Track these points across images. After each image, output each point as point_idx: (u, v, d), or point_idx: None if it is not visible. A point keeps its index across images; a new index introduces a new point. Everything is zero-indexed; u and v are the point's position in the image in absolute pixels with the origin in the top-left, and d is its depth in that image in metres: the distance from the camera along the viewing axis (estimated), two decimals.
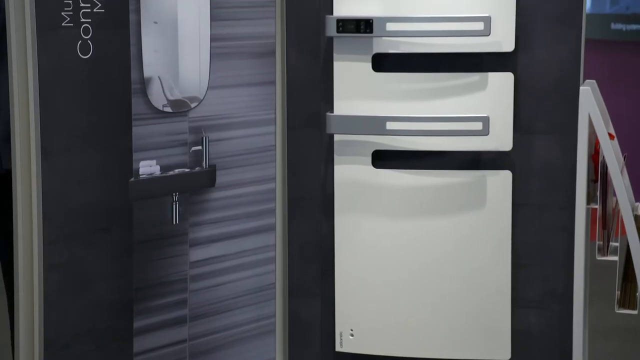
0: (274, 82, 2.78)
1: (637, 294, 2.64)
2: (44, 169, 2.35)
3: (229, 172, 2.72)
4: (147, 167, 2.55)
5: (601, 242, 2.64)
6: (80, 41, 2.38)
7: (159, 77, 2.56)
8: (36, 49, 2.30)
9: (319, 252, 2.81)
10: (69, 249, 2.41)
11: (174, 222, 2.63)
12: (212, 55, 2.66)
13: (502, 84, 2.62)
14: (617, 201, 2.58)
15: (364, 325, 2.77)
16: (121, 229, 2.52)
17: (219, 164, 2.70)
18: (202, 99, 2.65)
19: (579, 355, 2.63)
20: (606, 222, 2.63)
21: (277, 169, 2.81)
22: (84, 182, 2.42)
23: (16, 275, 2.36)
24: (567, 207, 2.62)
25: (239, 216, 2.76)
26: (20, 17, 2.29)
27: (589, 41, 2.71)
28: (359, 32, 2.61)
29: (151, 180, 2.56)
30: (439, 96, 2.65)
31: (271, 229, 2.82)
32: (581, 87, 2.57)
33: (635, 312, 2.66)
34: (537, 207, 2.66)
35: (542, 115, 2.63)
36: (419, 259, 2.71)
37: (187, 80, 2.62)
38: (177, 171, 2.62)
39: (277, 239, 2.83)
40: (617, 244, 2.64)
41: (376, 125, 2.64)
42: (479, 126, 2.59)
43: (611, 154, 2.56)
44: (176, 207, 2.63)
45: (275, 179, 2.81)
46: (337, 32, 2.63)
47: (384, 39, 2.64)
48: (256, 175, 2.78)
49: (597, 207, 2.61)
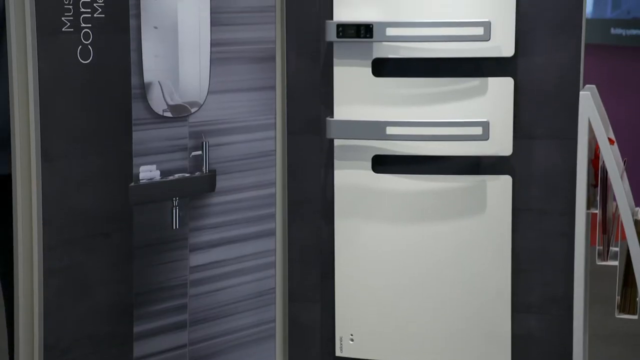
0: (274, 87, 2.78)
1: (637, 299, 2.63)
2: (44, 173, 2.35)
3: (229, 177, 2.72)
4: (147, 172, 2.55)
5: (601, 247, 2.64)
6: (80, 46, 2.39)
7: (159, 82, 2.56)
8: (36, 53, 2.31)
9: (319, 257, 2.81)
10: (68, 253, 2.41)
11: (174, 227, 2.63)
12: (212, 60, 2.66)
13: (502, 89, 2.62)
14: (617, 206, 2.58)
15: (364, 330, 2.76)
16: (121, 233, 2.52)
17: (219, 168, 2.70)
18: (202, 103, 2.65)
19: None
20: (606, 227, 2.63)
21: (277, 173, 2.81)
22: (84, 187, 2.42)
23: (16, 280, 2.36)
24: (567, 212, 2.62)
25: (239, 221, 2.76)
26: (20, 22, 2.29)
27: (589, 46, 2.71)
28: (359, 37, 2.62)
29: (151, 185, 2.56)
30: (439, 101, 2.65)
31: (271, 233, 2.82)
32: (581, 92, 2.57)
33: (635, 317, 2.66)
34: (537, 212, 2.66)
35: (542, 120, 2.63)
36: (419, 264, 2.71)
37: (187, 85, 2.62)
38: (177, 176, 2.62)
39: (277, 243, 2.83)
40: (617, 249, 2.64)
41: (376, 130, 2.64)
42: (478, 131, 2.59)
43: (611, 158, 2.56)
44: (176, 212, 2.63)
45: (275, 183, 2.81)
46: (337, 37, 2.63)
47: (384, 44, 2.64)
48: (256, 180, 2.78)
49: (597, 212, 2.61)
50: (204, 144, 2.66)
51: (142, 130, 2.53)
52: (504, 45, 2.59)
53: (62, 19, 2.35)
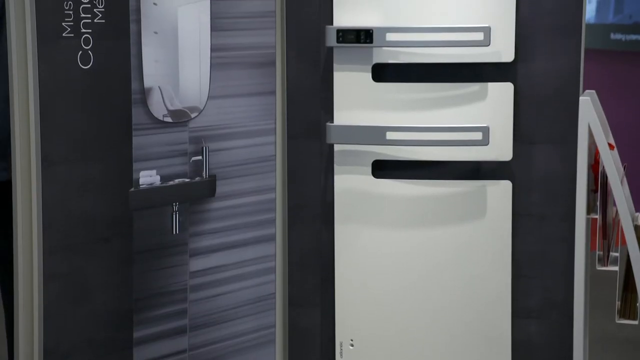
0: (274, 92, 2.79)
1: (637, 304, 2.63)
2: (44, 178, 2.35)
3: (229, 182, 2.72)
4: (147, 177, 2.55)
5: (601, 252, 2.64)
6: (80, 51, 2.39)
7: (159, 87, 2.56)
8: (37, 59, 2.31)
9: (319, 262, 2.81)
10: (68, 258, 2.41)
11: (174, 232, 2.63)
12: (213, 65, 2.66)
13: (502, 94, 2.62)
14: (617, 211, 2.58)
15: (364, 335, 2.76)
16: (121, 238, 2.52)
17: (219, 173, 2.70)
18: (202, 109, 2.65)
19: None
20: (606, 232, 2.63)
21: (277, 178, 2.81)
22: (84, 192, 2.42)
23: (16, 285, 2.36)
24: (567, 217, 2.62)
25: (239, 226, 2.76)
26: (21, 28, 2.30)
27: (589, 51, 2.71)
28: (359, 42, 2.62)
29: (151, 190, 2.56)
30: (438, 106, 2.65)
31: (271, 238, 2.82)
32: (581, 97, 2.57)
33: (635, 323, 2.65)
34: (537, 217, 2.66)
35: (542, 125, 2.63)
36: (420, 269, 2.71)
37: (188, 90, 2.62)
38: (177, 181, 2.62)
39: (277, 248, 2.83)
40: (617, 254, 2.64)
41: (376, 135, 2.64)
42: (478, 136, 2.59)
43: (611, 164, 2.56)
44: (176, 217, 2.63)
45: (275, 188, 2.81)
46: (337, 42, 2.63)
47: (384, 49, 2.64)
48: (256, 185, 2.78)
49: (597, 217, 2.61)
50: (204, 149, 2.66)
51: (142, 135, 2.53)
52: (503, 50, 2.60)
53: (63, 24, 2.35)
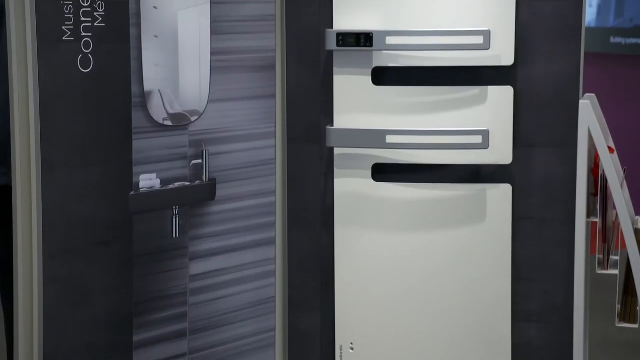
0: (274, 96, 2.79)
1: (637, 308, 2.63)
2: (44, 182, 2.35)
3: (229, 185, 2.72)
4: (147, 181, 2.55)
5: (601, 256, 2.64)
6: (80, 55, 2.39)
7: (159, 90, 2.56)
8: (37, 62, 2.31)
9: (319, 265, 2.81)
10: (68, 262, 2.41)
11: (174, 236, 2.63)
12: (213, 68, 2.66)
13: (501, 97, 2.62)
14: (617, 215, 2.58)
15: (364, 338, 2.76)
16: (121, 242, 2.52)
17: (219, 177, 2.70)
18: (202, 112, 2.65)
19: None
20: (606, 236, 2.63)
21: (277, 182, 2.81)
22: (84, 196, 2.42)
23: (16, 288, 2.36)
24: (567, 221, 2.62)
25: (239, 229, 2.76)
26: (21, 31, 2.30)
27: (589, 54, 2.71)
28: (359, 45, 2.62)
29: (151, 193, 2.56)
30: (438, 110, 2.65)
31: (271, 242, 2.82)
32: (581, 101, 2.57)
33: (635, 326, 2.65)
34: (537, 221, 2.66)
35: (542, 128, 2.64)
36: (420, 273, 2.71)
37: (188, 93, 2.62)
38: (177, 185, 2.62)
39: (277, 252, 2.83)
40: (617, 258, 2.64)
41: (376, 138, 2.64)
42: (478, 140, 2.59)
43: (611, 167, 2.56)
44: (176, 221, 2.63)
45: (275, 192, 2.81)
46: (337, 45, 2.63)
47: (383, 52, 2.64)
48: (256, 188, 2.78)
49: (597, 220, 2.61)
50: (204, 152, 2.66)
51: (142, 138, 2.53)
52: (503, 54, 2.60)
53: (63, 27, 2.35)
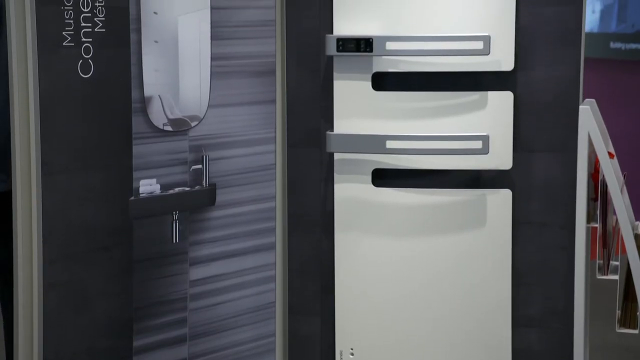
0: (274, 101, 2.79)
1: (637, 314, 2.63)
2: (45, 187, 2.35)
3: (229, 190, 2.72)
4: (148, 186, 2.55)
5: (601, 261, 2.64)
6: (81, 60, 2.39)
7: (159, 96, 2.57)
8: (37, 68, 2.31)
9: (319, 270, 2.81)
10: (68, 267, 2.41)
11: (174, 241, 2.63)
12: (213, 74, 2.67)
13: (501, 102, 2.62)
14: (617, 220, 2.58)
15: (364, 343, 2.76)
16: (121, 247, 2.52)
17: (219, 182, 2.70)
18: (202, 117, 2.66)
19: None
20: (606, 241, 2.63)
21: (277, 187, 2.81)
22: (84, 201, 2.42)
23: (16, 294, 2.36)
24: (567, 226, 2.62)
25: (238, 235, 2.76)
26: (21, 37, 2.30)
27: (588, 60, 2.72)
28: (359, 51, 2.62)
29: (151, 199, 2.56)
30: (438, 115, 2.65)
31: (271, 247, 2.82)
32: (581, 106, 2.57)
33: (636, 332, 2.65)
34: (537, 226, 2.66)
35: (542, 134, 2.64)
36: (420, 278, 2.71)
37: (188, 99, 2.63)
38: (177, 190, 2.62)
39: (277, 257, 2.83)
40: (617, 263, 2.64)
41: (376, 143, 2.64)
42: (478, 145, 2.59)
43: (611, 172, 2.56)
44: (176, 226, 2.63)
45: (275, 197, 2.81)
46: (337, 51, 2.64)
47: (383, 57, 2.65)
48: (256, 193, 2.78)
49: (597, 225, 2.61)
50: (204, 157, 2.66)
51: (143, 144, 2.54)
52: (503, 59, 2.60)
53: (63, 33, 2.35)
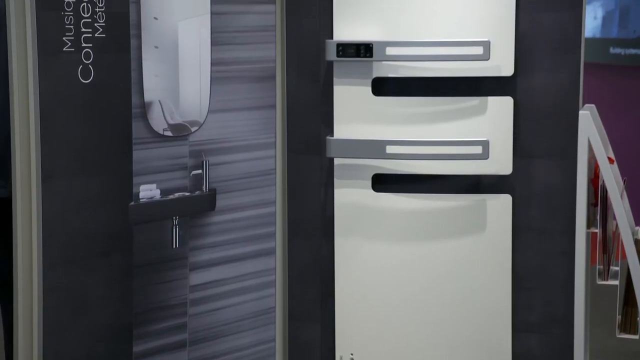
0: (274, 106, 2.79)
1: (638, 319, 2.63)
2: (45, 192, 2.35)
3: (229, 195, 2.72)
4: (148, 191, 2.55)
5: (602, 266, 2.64)
6: (81, 66, 2.39)
7: (159, 101, 2.57)
8: (37, 73, 2.31)
9: (319, 275, 2.81)
10: (68, 272, 2.41)
11: (174, 246, 2.63)
12: (213, 79, 2.67)
13: (501, 108, 2.62)
14: (617, 225, 2.58)
15: (364, 348, 2.76)
16: (121, 252, 2.52)
17: (219, 187, 2.70)
18: (202, 123, 2.66)
19: None
20: (606, 246, 2.63)
21: (277, 192, 2.81)
22: (84, 206, 2.42)
23: (15, 299, 2.35)
24: (567, 231, 2.62)
25: (238, 240, 2.76)
26: (21, 42, 2.30)
27: (588, 65, 2.72)
28: (359, 56, 2.62)
29: (151, 204, 2.56)
30: (438, 120, 2.65)
31: (271, 252, 2.82)
32: (580, 112, 2.57)
33: (636, 337, 2.65)
34: (537, 231, 2.66)
35: (542, 139, 2.64)
36: (420, 283, 2.71)
37: (188, 104, 2.63)
38: (177, 195, 2.62)
39: (277, 262, 2.83)
40: (617, 268, 2.64)
41: (376, 149, 2.65)
42: (478, 150, 2.59)
43: (611, 177, 2.56)
44: (176, 231, 2.63)
45: (275, 202, 2.81)
46: (337, 56, 2.64)
47: (383, 63, 2.65)
48: (256, 198, 2.78)
49: (597, 231, 2.61)
50: (204, 162, 2.66)
51: (143, 149, 2.54)
52: (503, 64, 2.60)
53: (63, 38, 2.35)
